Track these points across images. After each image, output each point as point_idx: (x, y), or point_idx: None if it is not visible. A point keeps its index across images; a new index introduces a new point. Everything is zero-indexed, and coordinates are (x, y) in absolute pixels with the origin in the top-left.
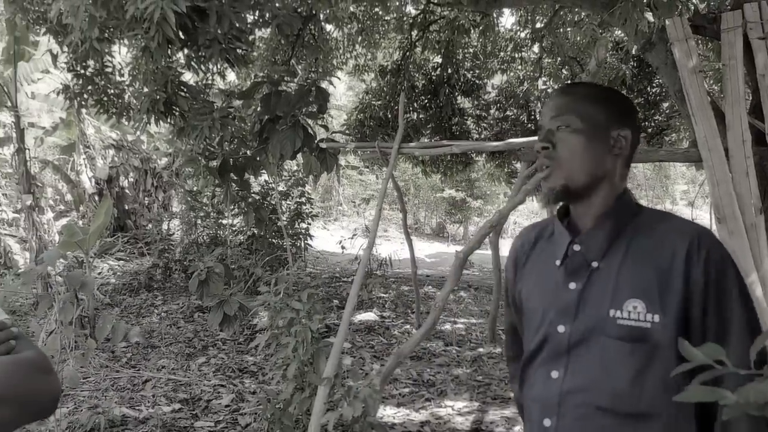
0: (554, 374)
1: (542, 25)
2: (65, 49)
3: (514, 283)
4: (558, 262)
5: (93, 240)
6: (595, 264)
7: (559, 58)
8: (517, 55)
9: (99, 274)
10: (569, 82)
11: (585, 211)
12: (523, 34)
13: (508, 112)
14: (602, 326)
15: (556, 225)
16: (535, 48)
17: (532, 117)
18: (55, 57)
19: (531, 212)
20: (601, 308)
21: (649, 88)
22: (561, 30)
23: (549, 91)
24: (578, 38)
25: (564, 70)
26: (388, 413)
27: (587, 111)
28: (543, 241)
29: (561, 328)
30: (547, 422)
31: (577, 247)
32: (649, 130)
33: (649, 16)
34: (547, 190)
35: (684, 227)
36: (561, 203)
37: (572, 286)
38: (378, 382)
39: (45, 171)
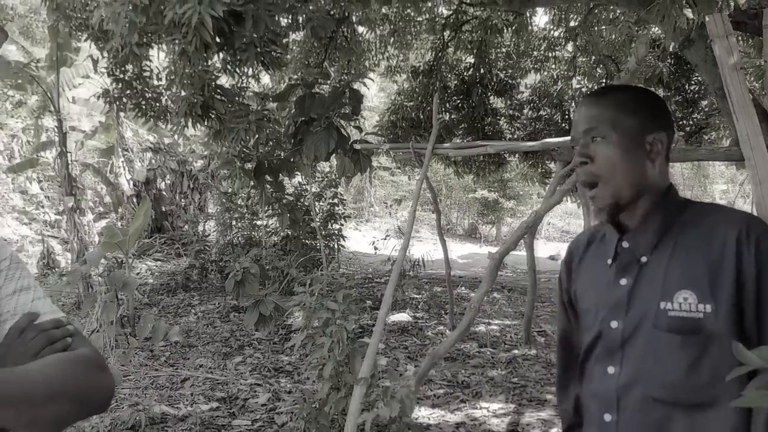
0: (610, 370)
1: (576, 23)
2: (105, 54)
3: (568, 285)
4: (609, 261)
5: (132, 241)
6: (644, 259)
7: (593, 57)
8: (550, 54)
9: (137, 274)
10: (600, 86)
11: (632, 211)
12: (556, 33)
13: (541, 112)
14: (653, 319)
15: (606, 226)
16: (569, 47)
17: (566, 116)
18: (95, 62)
19: (566, 213)
20: (651, 301)
21: (687, 86)
22: (596, 28)
23: (583, 90)
24: (613, 36)
25: (599, 69)
26: (423, 414)
27: (621, 120)
28: (596, 243)
29: (614, 324)
30: (607, 417)
31: (625, 244)
32: (688, 128)
33: (688, 12)
34: (600, 209)
35: (733, 216)
36: (616, 216)
37: (623, 282)
38: (413, 382)
39: (85, 174)
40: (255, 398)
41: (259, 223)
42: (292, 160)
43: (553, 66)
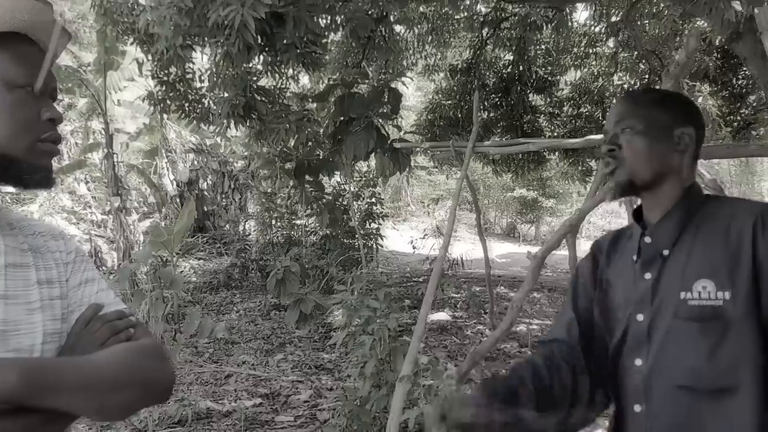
0: (638, 362)
1: (618, 18)
2: (150, 57)
3: (592, 282)
4: (635, 257)
5: (177, 240)
6: (665, 252)
7: (636, 52)
8: (591, 51)
9: (181, 272)
10: (628, 91)
11: (653, 205)
12: (597, 29)
13: (582, 109)
14: (675, 309)
15: (633, 224)
16: (611, 42)
17: (608, 113)
18: (141, 65)
19: (608, 212)
20: (672, 292)
21: (734, 81)
22: (638, 22)
23: (625, 86)
24: (657, 31)
25: (641, 65)
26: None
27: (649, 113)
28: (623, 241)
29: (640, 317)
30: (637, 408)
31: (648, 239)
32: (735, 124)
33: (737, 5)
34: (614, 185)
35: (750, 206)
36: (626, 196)
37: (647, 276)
38: (455, 381)
39: (130, 174)
40: (297, 395)
41: (298, 222)
42: (331, 159)
43: (594, 62)
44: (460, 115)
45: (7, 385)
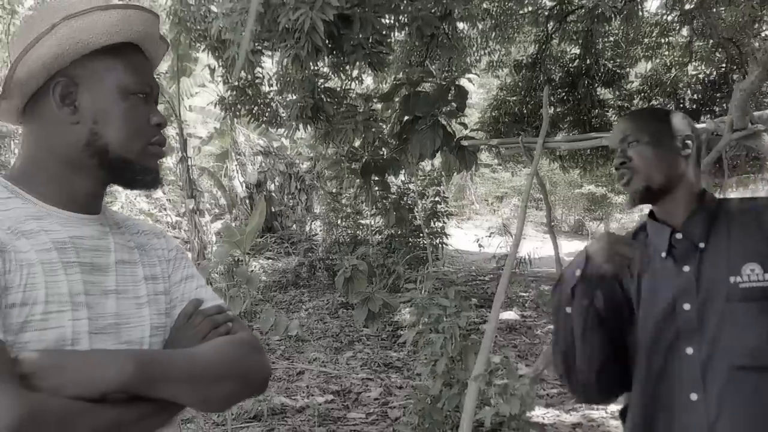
0: (689, 350)
1: (692, 5)
2: (221, 63)
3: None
4: (664, 254)
5: (249, 240)
6: (702, 245)
7: (711, 41)
8: (663, 41)
9: (251, 271)
10: (630, 111)
11: (673, 207)
12: (670, 17)
13: (653, 102)
14: (727, 294)
15: (649, 225)
16: (684, 31)
17: (681, 105)
18: (213, 71)
19: None
20: (720, 279)
21: None
22: (714, 9)
23: (700, 76)
24: (734, 17)
25: (718, 53)
26: (537, 413)
27: (651, 126)
28: (642, 239)
29: (686, 306)
30: (693, 396)
31: (679, 236)
32: None
33: None
34: (631, 193)
35: None
36: (644, 203)
37: (686, 269)
38: (529, 381)
39: (202, 177)
40: (367, 392)
41: (363, 221)
42: (397, 158)
43: (667, 53)
44: (525, 111)
45: (124, 375)
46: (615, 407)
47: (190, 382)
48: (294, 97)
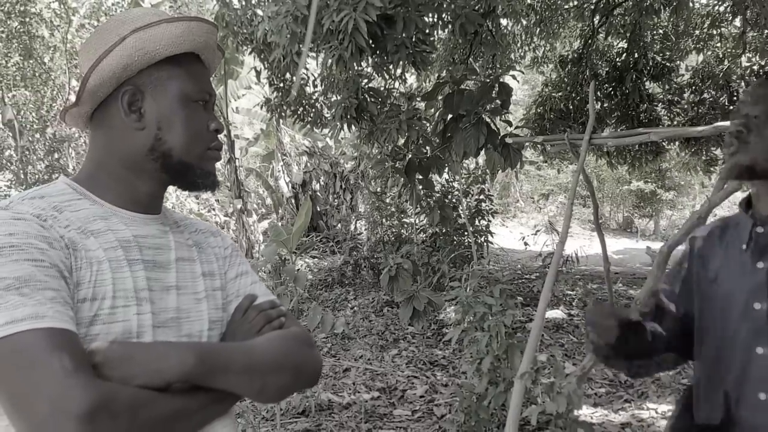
0: (759, 350)
1: None
2: (267, 65)
3: (699, 270)
4: (744, 246)
5: (295, 239)
6: None
7: (766, 31)
8: (714, 32)
9: (298, 270)
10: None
11: (764, 197)
12: (722, 8)
13: (705, 95)
14: None
15: (740, 215)
16: (737, 21)
17: (734, 98)
18: (258, 73)
19: (732, 202)
20: None
21: None
22: None
23: (755, 68)
24: None
25: None
26: (585, 413)
27: None
28: (729, 230)
29: (757, 305)
30: (762, 396)
31: (760, 229)
32: None
33: None
34: (732, 165)
35: None
36: (741, 180)
37: (760, 265)
38: (576, 380)
39: (249, 178)
40: (413, 390)
41: (407, 220)
42: (441, 157)
43: (718, 44)
44: (571, 107)
45: (186, 366)
46: (665, 407)
47: (246, 374)
48: (338, 98)
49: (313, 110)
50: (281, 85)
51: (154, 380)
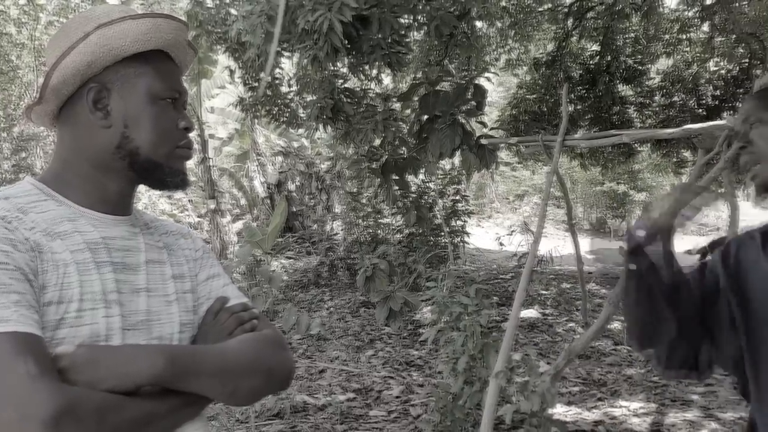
0: None
1: (713, 0)
2: (241, 64)
3: (736, 276)
4: None
5: (271, 239)
6: None
7: (733, 36)
8: (683, 37)
9: (273, 271)
10: (759, 90)
11: None
12: (690, 13)
13: (674, 98)
14: None
15: None
16: (705, 27)
17: (703, 102)
18: (232, 73)
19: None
20: None
21: None
22: (736, 4)
23: (722, 72)
24: (757, 12)
25: (740, 49)
26: (558, 411)
27: None
28: (758, 239)
29: None
30: None
31: None
32: None
33: None
34: (757, 184)
35: None
36: None
37: None
38: (549, 378)
39: (222, 178)
40: (389, 390)
41: (383, 221)
42: (417, 157)
43: (687, 49)
44: (545, 109)
45: (156, 368)
46: (637, 405)
47: (218, 377)
48: (313, 98)
49: (288, 110)
50: (255, 84)
51: (122, 384)
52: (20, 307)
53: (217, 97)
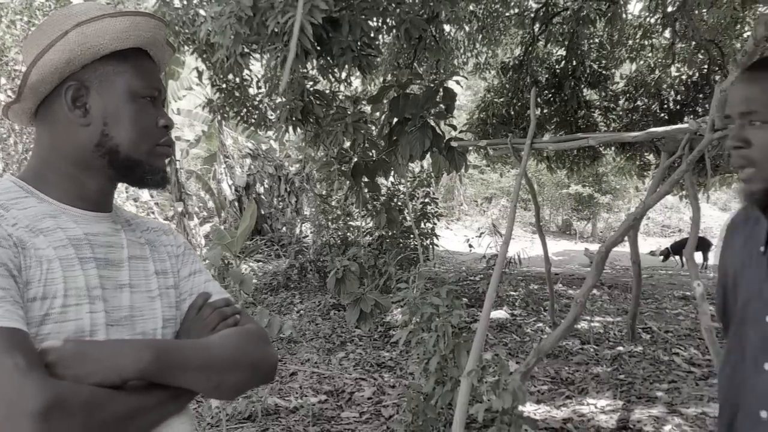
0: (767, 366)
1: (674, 8)
2: (209, 65)
3: (725, 268)
4: (762, 249)
5: (240, 242)
6: None
7: (693, 42)
8: (646, 42)
9: (243, 273)
10: (756, 61)
11: None
12: (652, 20)
13: (638, 102)
14: None
15: (757, 212)
16: (667, 33)
17: (665, 106)
18: (200, 74)
19: (666, 207)
20: None
21: None
22: (696, 12)
23: (683, 77)
24: (716, 19)
25: (700, 55)
26: (528, 409)
27: None
28: (749, 226)
29: None
30: (764, 414)
31: None
32: None
33: None
34: (750, 193)
35: None
36: (762, 205)
37: None
38: (519, 377)
39: (190, 180)
40: (360, 392)
41: (353, 223)
42: (387, 160)
43: (650, 54)
44: (512, 113)
45: (142, 362)
46: (604, 402)
47: (203, 370)
48: (283, 100)
49: (257, 112)
50: (224, 86)
51: (109, 378)
52: (5, 303)
53: (184, 98)
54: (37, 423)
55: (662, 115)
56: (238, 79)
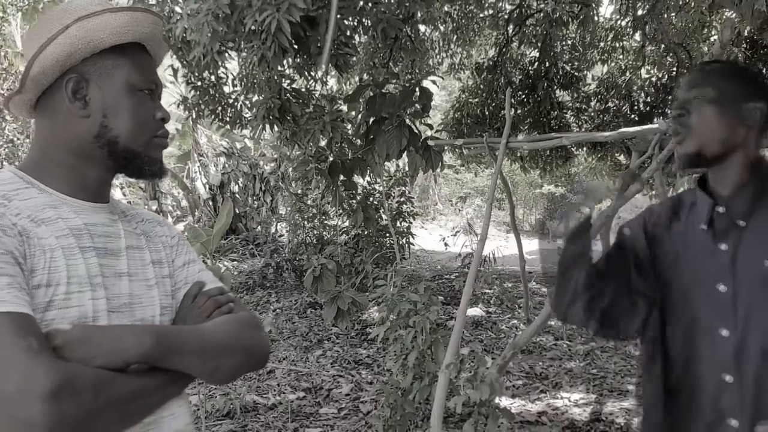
0: (724, 332)
1: (644, 11)
2: (185, 63)
3: (647, 247)
4: (704, 226)
5: (216, 241)
6: (742, 223)
7: (663, 45)
8: (617, 45)
9: (221, 272)
10: (709, 60)
11: (722, 177)
12: (623, 23)
13: (609, 104)
14: (762, 278)
15: (698, 193)
16: (637, 36)
17: (635, 107)
18: (175, 72)
19: (635, 207)
20: (756, 262)
21: (765, 71)
22: (665, 15)
23: (653, 80)
24: (684, 23)
25: (669, 58)
26: (503, 404)
27: (722, 84)
28: (685, 210)
29: (722, 287)
30: (727, 378)
31: (721, 209)
32: None
33: None
34: (681, 155)
35: None
36: (695, 169)
37: (723, 247)
38: (495, 371)
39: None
40: (338, 388)
41: (329, 222)
42: (363, 159)
43: (621, 56)
44: (486, 113)
45: (144, 347)
46: (577, 396)
47: (200, 355)
48: (259, 98)
49: (232, 110)
50: (199, 83)
51: (112, 361)
52: (13, 289)
53: None
54: (48, 403)
55: (632, 116)
56: (213, 77)
